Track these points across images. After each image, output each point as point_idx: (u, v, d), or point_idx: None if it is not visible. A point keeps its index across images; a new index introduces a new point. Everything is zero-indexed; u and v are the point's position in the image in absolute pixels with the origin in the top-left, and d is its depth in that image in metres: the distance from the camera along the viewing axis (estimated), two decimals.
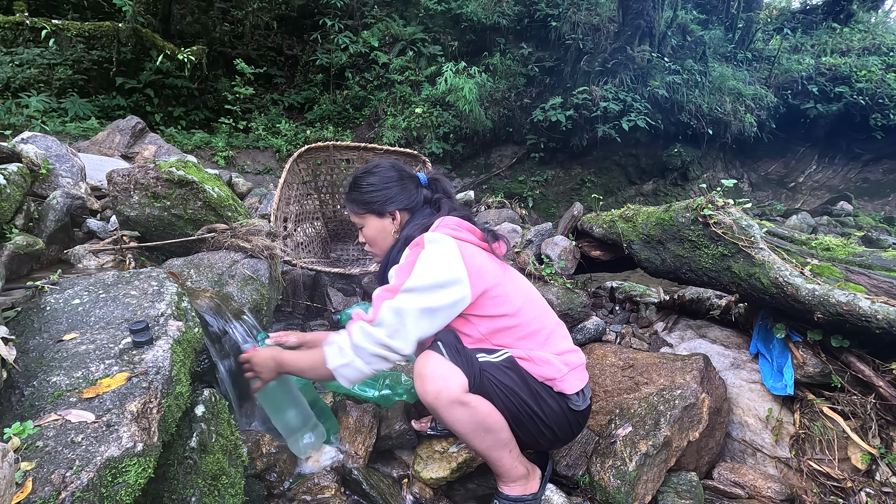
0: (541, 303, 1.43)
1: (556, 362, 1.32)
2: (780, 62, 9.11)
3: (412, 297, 1.21)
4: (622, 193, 8.05)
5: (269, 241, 1.97)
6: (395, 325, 1.21)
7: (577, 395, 1.34)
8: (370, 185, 1.42)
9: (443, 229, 1.33)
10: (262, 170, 6.69)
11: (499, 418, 1.25)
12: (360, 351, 1.22)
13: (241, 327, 1.59)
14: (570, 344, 1.43)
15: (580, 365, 1.40)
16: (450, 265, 1.24)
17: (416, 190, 1.44)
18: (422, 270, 1.22)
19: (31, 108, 5.69)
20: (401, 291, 1.21)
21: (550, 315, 1.43)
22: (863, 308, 1.50)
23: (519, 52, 8.15)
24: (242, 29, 8.33)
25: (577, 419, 1.36)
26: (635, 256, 2.20)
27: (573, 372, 1.35)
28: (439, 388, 1.19)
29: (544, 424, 1.30)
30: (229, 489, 1.13)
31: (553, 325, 1.40)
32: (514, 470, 1.33)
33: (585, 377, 1.40)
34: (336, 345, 1.25)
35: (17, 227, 1.86)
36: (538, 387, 1.30)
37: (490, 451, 1.29)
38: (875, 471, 1.54)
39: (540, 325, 1.35)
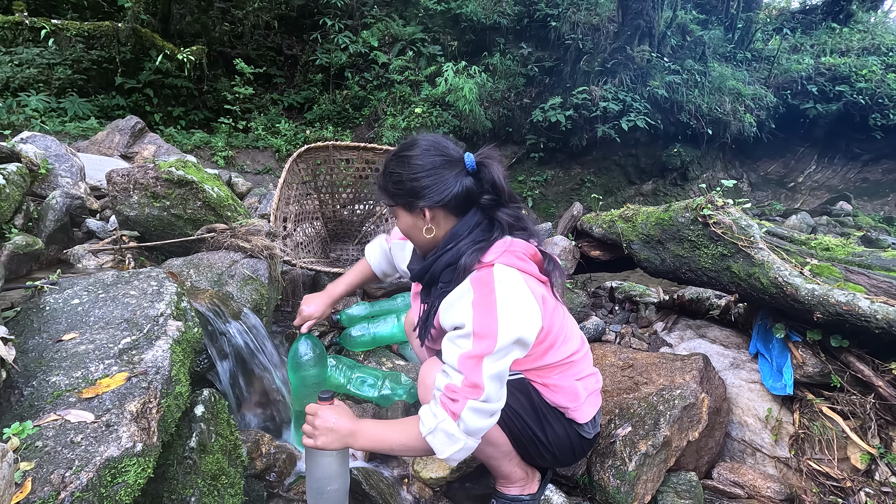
0: (572, 329, 1.32)
1: (575, 389, 1.26)
2: (779, 62, 9.12)
3: (505, 360, 1.08)
4: (622, 193, 8.05)
5: (268, 240, 1.97)
6: (500, 385, 1.08)
7: (589, 423, 1.28)
8: (398, 173, 1.19)
9: (508, 259, 1.13)
10: (261, 170, 6.69)
11: (499, 434, 1.23)
12: (474, 433, 1.08)
13: (241, 327, 1.59)
14: (591, 367, 1.35)
15: (596, 390, 1.34)
16: (529, 316, 1.10)
17: (455, 180, 1.15)
18: (506, 329, 1.05)
19: (30, 107, 5.68)
20: (489, 357, 1.05)
21: (579, 340, 1.33)
22: (862, 308, 1.50)
23: (519, 52, 8.16)
24: (242, 29, 8.33)
25: (582, 446, 1.32)
26: (635, 256, 2.20)
27: (590, 398, 1.29)
28: None
29: (545, 448, 1.26)
30: (229, 489, 1.13)
31: (580, 351, 1.31)
32: (513, 474, 1.33)
33: (599, 402, 1.35)
34: (444, 434, 1.07)
35: (16, 227, 1.86)
36: (547, 411, 1.24)
37: (489, 460, 1.30)
38: (874, 470, 1.54)
39: (567, 354, 1.25)
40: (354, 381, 1.79)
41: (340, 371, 1.81)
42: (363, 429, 1.15)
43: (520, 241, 1.17)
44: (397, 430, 1.15)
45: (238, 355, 1.57)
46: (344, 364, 1.85)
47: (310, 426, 1.15)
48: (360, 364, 1.94)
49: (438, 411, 1.07)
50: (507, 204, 1.19)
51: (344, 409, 1.19)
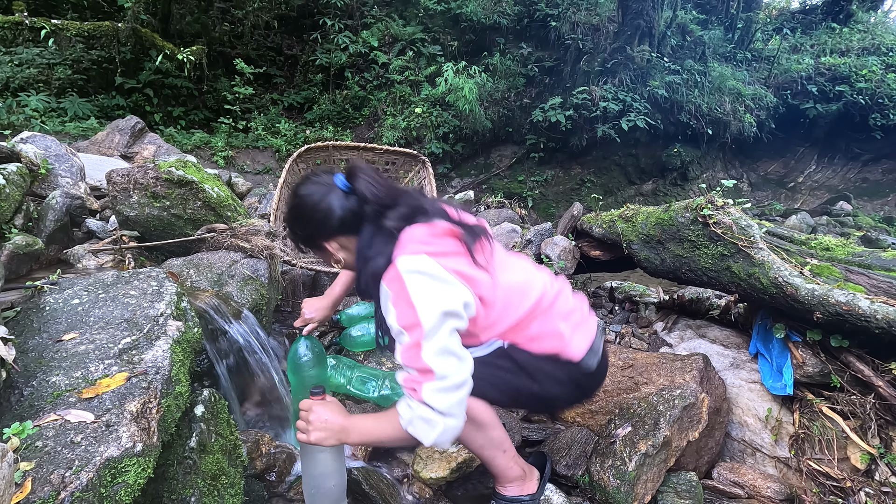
0: (529, 279, 1.30)
1: (558, 330, 1.26)
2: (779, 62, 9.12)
3: (439, 335, 1.09)
4: (622, 193, 8.05)
5: (268, 241, 1.97)
6: (450, 358, 1.10)
7: (587, 355, 1.27)
8: (293, 227, 1.29)
9: (410, 249, 1.15)
10: (261, 170, 6.69)
11: (488, 415, 1.25)
12: (448, 412, 1.09)
13: (241, 327, 1.59)
14: (570, 301, 1.34)
15: (583, 321, 1.32)
16: (445, 286, 1.12)
17: (337, 205, 1.21)
18: (425, 311, 1.08)
19: (30, 107, 5.68)
20: (425, 341, 1.08)
21: (541, 284, 1.31)
22: (862, 308, 1.50)
23: (519, 52, 8.16)
24: (242, 29, 8.33)
25: (590, 380, 1.31)
26: (635, 256, 2.20)
27: (576, 333, 1.28)
28: None
29: (551, 399, 1.29)
30: (229, 489, 1.13)
31: (548, 292, 1.30)
32: (510, 471, 1.33)
33: (591, 329, 1.32)
34: (421, 421, 1.09)
35: (16, 227, 1.86)
36: (539, 364, 1.25)
37: (483, 450, 1.30)
38: (874, 470, 1.54)
39: (532, 302, 1.26)
40: (354, 382, 1.79)
41: (340, 371, 1.81)
42: (355, 424, 1.17)
43: (419, 226, 1.17)
44: (385, 422, 1.16)
45: (238, 355, 1.57)
46: (344, 364, 1.85)
47: (303, 422, 1.17)
48: (360, 364, 1.94)
49: (411, 402, 1.11)
50: (390, 206, 1.20)
51: (336, 405, 1.20)
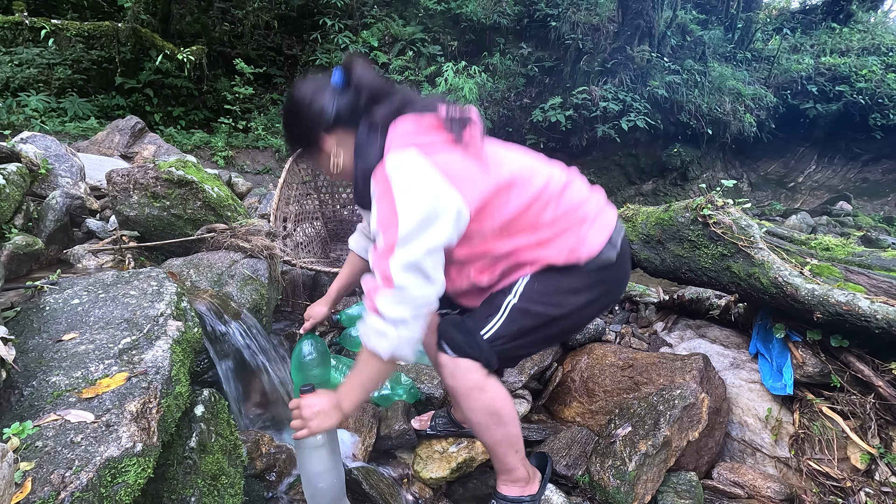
0: (539, 167, 1.23)
1: (570, 225, 1.19)
2: (779, 62, 9.12)
3: (414, 246, 1.03)
4: (622, 193, 8.05)
5: (268, 241, 1.97)
6: (416, 276, 1.04)
7: (605, 248, 1.20)
8: (289, 122, 1.23)
9: (400, 141, 1.09)
10: (261, 170, 6.69)
11: (511, 412, 1.25)
12: (401, 323, 1.05)
13: (241, 327, 1.59)
14: (582, 191, 1.26)
15: (599, 209, 1.24)
16: (430, 190, 1.04)
17: (332, 99, 1.16)
18: (406, 212, 1.03)
19: (30, 107, 5.68)
20: (398, 247, 1.03)
21: (555, 173, 1.24)
22: (862, 308, 1.50)
23: (519, 52, 8.16)
24: (242, 29, 8.33)
25: (616, 274, 1.25)
26: (635, 256, 2.20)
27: (593, 226, 1.21)
28: (457, 378, 1.20)
29: (577, 319, 1.26)
30: (229, 489, 1.13)
31: (561, 181, 1.23)
32: (516, 471, 1.33)
33: (609, 220, 1.24)
34: (375, 334, 1.08)
35: (16, 227, 1.86)
36: (557, 284, 1.19)
37: (498, 445, 1.28)
38: (874, 470, 1.54)
39: (543, 192, 1.18)
40: None
41: (340, 371, 1.81)
42: (342, 392, 1.15)
43: (408, 118, 1.12)
44: (361, 366, 1.14)
45: (238, 355, 1.57)
46: (344, 364, 1.85)
47: (298, 419, 1.14)
48: None
49: (366, 315, 1.08)
50: (383, 98, 1.16)
51: (321, 391, 1.18)
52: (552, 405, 1.99)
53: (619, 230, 1.26)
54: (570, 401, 1.93)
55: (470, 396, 1.21)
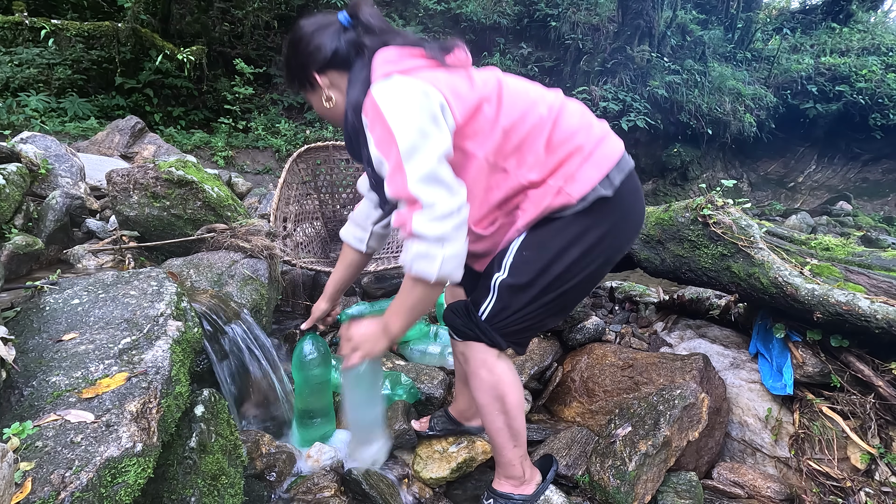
0: (528, 89, 1.18)
1: (564, 159, 1.12)
2: (779, 62, 9.13)
3: (422, 156, 1.00)
4: None
5: (268, 241, 1.97)
6: (438, 188, 1.01)
7: (599, 186, 1.11)
8: (288, 57, 1.19)
9: (383, 69, 1.07)
10: (261, 170, 6.69)
11: (517, 403, 1.24)
12: (445, 238, 1.01)
13: (241, 327, 1.59)
14: (577, 117, 1.17)
15: (597, 139, 1.15)
16: (418, 98, 1.03)
17: (334, 37, 1.14)
18: (401, 126, 1.00)
19: (30, 107, 5.68)
20: (406, 162, 1.00)
21: (546, 97, 1.18)
22: (862, 308, 1.50)
23: (518, 51, 8.16)
24: (242, 29, 8.33)
25: (613, 212, 1.14)
26: (635, 256, 2.20)
27: (588, 160, 1.12)
28: (468, 359, 1.23)
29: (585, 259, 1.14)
30: (229, 489, 1.13)
31: (555, 106, 1.16)
32: (513, 468, 1.31)
33: (608, 153, 1.14)
34: (419, 258, 1.02)
35: (16, 227, 1.86)
36: (557, 239, 1.13)
37: (498, 434, 1.27)
38: (874, 470, 1.54)
39: (536, 115, 1.13)
40: None
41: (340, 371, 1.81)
42: (388, 316, 1.15)
43: (391, 48, 1.11)
44: (405, 293, 1.11)
45: (238, 355, 1.57)
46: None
47: (348, 346, 1.16)
48: None
49: (406, 243, 1.04)
50: (384, 35, 1.13)
51: (365, 319, 1.19)
52: (552, 405, 1.99)
53: (622, 166, 1.15)
54: (570, 401, 1.93)
55: (478, 376, 1.21)
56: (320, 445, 1.54)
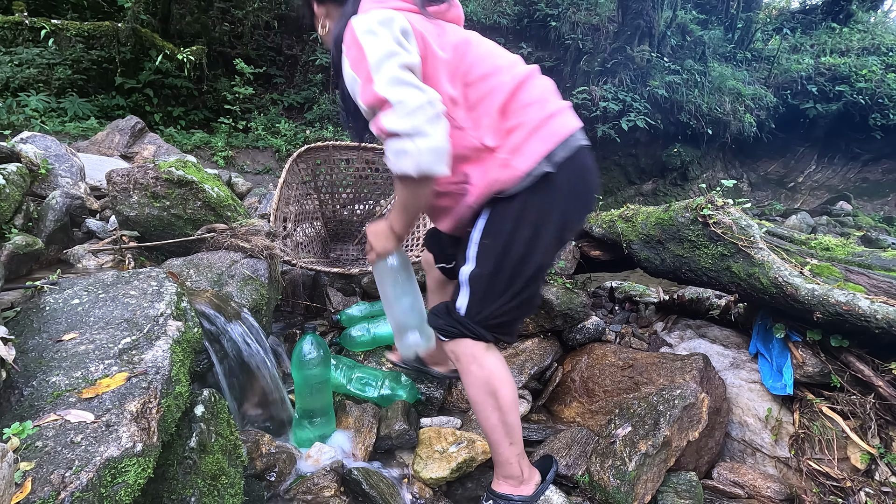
0: (497, 51, 1.24)
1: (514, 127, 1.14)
2: (779, 62, 9.13)
3: (387, 65, 1.05)
4: (622, 193, 8.06)
5: (268, 241, 1.97)
6: (406, 87, 1.04)
7: (540, 163, 1.12)
8: None
9: (365, 6, 1.16)
10: (261, 170, 6.69)
11: (511, 398, 1.24)
12: (416, 134, 1.03)
13: (241, 327, 1.59)
14: (537, 91, 1.20)
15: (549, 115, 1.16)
16: (383, 20, 1.09)
17: None
18: (371, 45, 1.06)
19: (30, 107, 5.68)
20: (374, 73, 1.05)
21: (514, 62, 1.23)
22: (862, 308, 1.50)
23: (519, 51, 8.15)
24: (242, 29, 8.33)
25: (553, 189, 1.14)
26: (635, 256, 2.20)
27: (535, 135, 1.14)
28: (457, 356, 1.26)
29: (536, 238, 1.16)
30: (229, 489, 1.13)
31: (520, 73, 1.20)
32: (510, 466, 1.29)
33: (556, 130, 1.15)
34: (396, 155, 1.05)
35: (16, 227, 1.86)
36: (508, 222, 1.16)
37: (493, 431, 1.27)
38: (874, 470, 1.54)
39: (499, 77, 1.17)
40: (354, 381, 1.79)
41: (340, 371, 1.81)
42: (391, 217, 1.26)
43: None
44: (397, 194, 1.19)
45: (238, 355, 1.57)
46: (344, 364, 1.85)
47: (367, 248, 1.31)
48: (361, 364, 1.94)
49: (384, 144, 1.08)
50: None
51: (376, 221, 1.33)
52: (552, 405, 1.99)
53: (569, 143, 1.16)
54: (570, 401, 1.93)
55: (469, 372, 1.23)
56: (320, 445, 1.54)
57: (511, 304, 1.21)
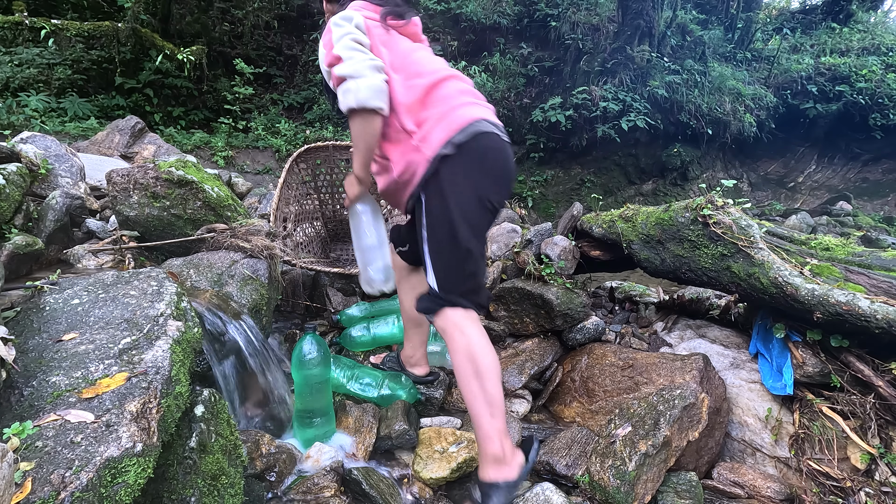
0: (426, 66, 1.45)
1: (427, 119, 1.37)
2: (779, 62, 9.12)
3: (344, 38, 1.36)
4: (622, 193, 8.05)
5: (268, 241, 1.97)
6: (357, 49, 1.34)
7: (444, 146, 1.34)
8: None
9: (346, 7, 1.49)
10: (261, 170, 6.69)
11: (491, 365, 1.33)
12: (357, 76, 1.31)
13: (241, 327, 1.59)
14: (452, 91, 1.43)
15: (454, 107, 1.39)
16: (347, 15, 1.42)
17: None
18: (336, 29, 1.39)
19: (30, 107, 5.68)
20: (335, 43, 1.36)
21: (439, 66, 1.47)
22: (862, 308, 1.50)
23: (518, 51, 8.16)
24: (242, 29, 8.33)
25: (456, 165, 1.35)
26: (635, 256, 2.20)
27: (439, 124, 1.35)
28: (443, 328, 1.40)
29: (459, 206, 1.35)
30: (229, 489, 1.13)
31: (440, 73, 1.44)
32: (491, 442, 1.29)
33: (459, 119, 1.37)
34: (343, 94, 1.33)
35: (16, 227, 1.86)
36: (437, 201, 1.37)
37: (474, 400, 1.32)
38: (874, 470, 1.54)
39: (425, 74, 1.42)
40: (354, 381, 1.79)
41: (340, 371, 1.81)
42: (353, 164, 1.49)
43: (366, 2, 1.50)
44: (351, 133, 1.40)
45: (238, 355, 1.57)
46: (344, 364, 1.85)
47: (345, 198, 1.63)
48: (360, 364, 1.94)
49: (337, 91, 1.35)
50: None
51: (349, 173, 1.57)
52: (552, 405, 2.00)
53: (468, 130, 1.35)
54: (570, 401, 1.93)
55: (453, 339, 1.37)
56: (320, 445, 1.54)
57: (468, 269, 1.39)
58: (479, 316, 1.44)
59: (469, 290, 1.42)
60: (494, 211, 1.44)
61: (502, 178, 1.44)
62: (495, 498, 1.28)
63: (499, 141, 1.42)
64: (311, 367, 1.53)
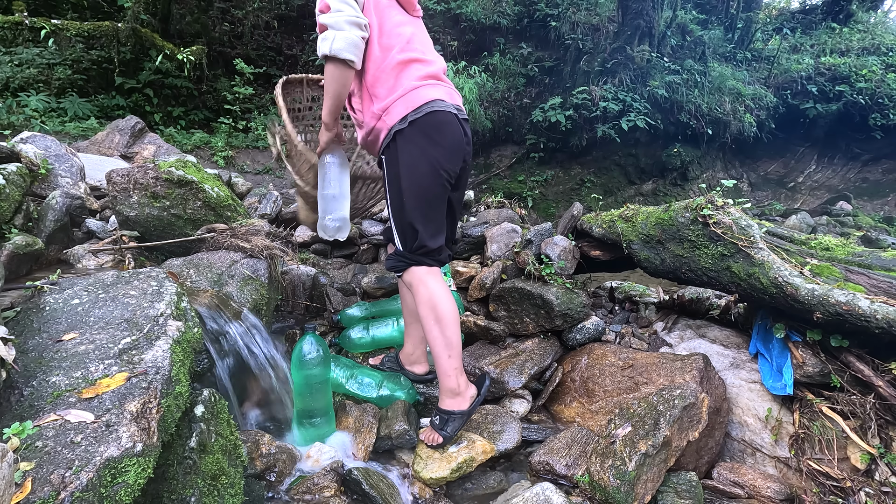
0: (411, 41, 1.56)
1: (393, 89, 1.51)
2: (779, 62, 9.12)
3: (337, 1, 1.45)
4: (622, 193, 8.05)
5: (268, 241, 1.97)
6: (345, 4, 1.43)
7: (398, 123, 1.49)
8: None
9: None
10: (261, 170, 6.68)
11: (450, 314, 1.52)
12: (336, 27, 1.41)
13: (241, 327, 1.59)
14: (422, 73, 1.54)
15: (416, 86, 1.51)
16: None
17: None
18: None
19: (30, 107, 5.68)
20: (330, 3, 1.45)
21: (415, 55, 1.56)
22: (862, 308, 1.50)
23: (518, 52, 8.16)
24: (242, 29, 8.33)
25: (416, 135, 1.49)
26: (635, 256, 2.19)
27: (400, 100, 1.50)
28: (411, 283, 1.57)
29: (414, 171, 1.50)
30: (229, 489, 1.13)
31: (414, 53, 1.55)
32: (448, 378, 1.54)
33: (418, 98, 1.51)
34: (321, 41, 1.43)
35: (16, 227, 1.86)
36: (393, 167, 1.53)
37: (435, 342, 1.54)
38: (874, 470, 1.54)
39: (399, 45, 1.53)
40: (353, 382, 1.79)
41: (340, 371, 1.81)
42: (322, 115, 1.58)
43: None
44: (325, 79, 1.50)
45: (238, 355, 1.57)
46: (343, 364, 1.85)
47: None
48: (360, 365, 1.94)
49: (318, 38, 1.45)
50: None
51: None
52: (552, 405, 1.99)
53: (421, 110, 1.50)
54: (570, 401, 1.93)
55: (418, 292, 1.55)
56: (320, 445, 1.54)
57: (428, 231, 1.54)
58: (440, 269, 1.61)
59: (431, 251, 1.57)
60: (450, 179, 1.57)
61: (455, 148, 1.57)
62: (451, 424, 1.55)
63: (452, 117, 1.56)
64: (311, 367, 1.53)
